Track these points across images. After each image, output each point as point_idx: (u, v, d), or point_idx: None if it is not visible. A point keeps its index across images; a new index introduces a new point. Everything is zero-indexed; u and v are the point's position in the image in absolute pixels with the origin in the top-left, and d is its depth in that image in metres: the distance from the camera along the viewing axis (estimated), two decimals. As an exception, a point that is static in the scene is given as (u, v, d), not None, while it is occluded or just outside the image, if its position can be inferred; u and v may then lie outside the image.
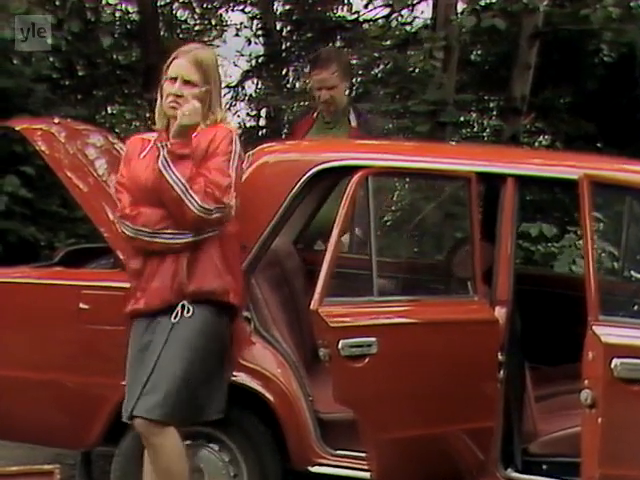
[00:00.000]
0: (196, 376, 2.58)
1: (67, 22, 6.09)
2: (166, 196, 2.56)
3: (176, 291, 2.59)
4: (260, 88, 10.72)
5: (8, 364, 2.91)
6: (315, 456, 2.77)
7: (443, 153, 3.17)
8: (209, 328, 2.62)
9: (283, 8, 9.76)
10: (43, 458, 3.38)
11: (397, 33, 7.98)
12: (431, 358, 2.64)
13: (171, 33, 9.87)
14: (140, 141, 2.75)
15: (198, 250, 2.61)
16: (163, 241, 2.59)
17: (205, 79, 2.62)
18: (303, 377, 2.85)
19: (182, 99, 2.59)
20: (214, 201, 2.55)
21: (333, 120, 3.99)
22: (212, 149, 2.61)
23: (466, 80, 7.34)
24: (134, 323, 2.67)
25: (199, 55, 2.65)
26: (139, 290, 2.64)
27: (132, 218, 2.61)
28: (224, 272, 2.63)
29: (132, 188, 2.65)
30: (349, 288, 2.72)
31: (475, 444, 2.73)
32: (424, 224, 4.66)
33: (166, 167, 2.55)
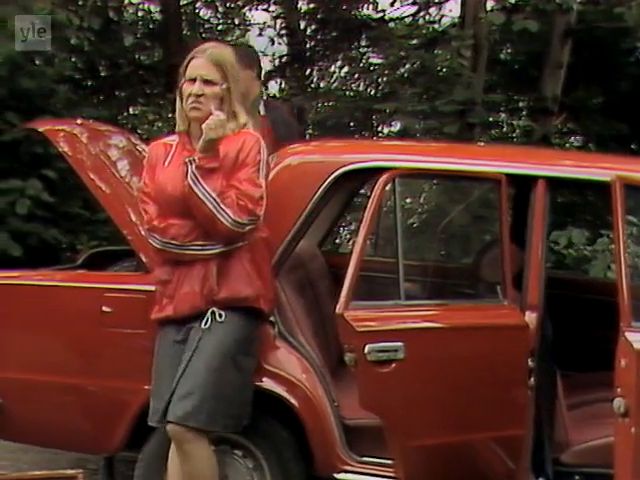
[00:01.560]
0: (230, 383, 2.59)
1: (88, 20, 6.16)
2: (197, 211, 2.56)
3: (206, 297, 2.60)
4: (284, 88, 10.76)
5: (30, 367, 2.94)
6: (340, 463, 2.77)
7: (472, 154, 3.16)
8: (241, 335, 2.63)
9: (307, 7, 9.79)
10: (66, 463, 3.43)
11: (424, 32, 7.96)
12: (459, 364, 2.63)
13: (194, 33, 9.93)
14: (162, 147, 2.73)
15: (228, 256, 2.61)
16: (193, 252, 2.60)
17: (224, 77, 2.62)
18: (328, 382, 2.86)
19: (203, 98, 2.59)
20: (247, 214, 2.56)
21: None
22: (241, 158, 2.61)
23: (495, 80, 7.32)
24: (162, 329, 2.68)
25: (216, 53, 2.66)
26: (166, 296, 2.65)
27: (161, 231, 2.60)
28: (255, 278, 2.64)
29: (158, 198, 2.64)
30: (375, 292, 2.73)
31: (505, 452, 2.72)
32: (451, 227, 4.65)
33: (196, 183, 2.54)
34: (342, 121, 8.77)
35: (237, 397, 2.62)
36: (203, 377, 2.55)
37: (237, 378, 2.61)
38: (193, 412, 2.53)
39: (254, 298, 2.64)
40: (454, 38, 5.54)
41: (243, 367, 2.63)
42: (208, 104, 2.60)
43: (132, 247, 2.94)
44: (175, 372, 2.58)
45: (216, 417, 2.56)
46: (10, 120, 5.58)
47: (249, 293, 2.63)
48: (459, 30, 5.96)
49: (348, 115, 8.56)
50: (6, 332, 2.99)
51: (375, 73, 8.67)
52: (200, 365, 2.56)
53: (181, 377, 2.56)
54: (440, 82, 6.48)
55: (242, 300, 2.62)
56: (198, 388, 2.54)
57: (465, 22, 5.95)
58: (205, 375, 2.55)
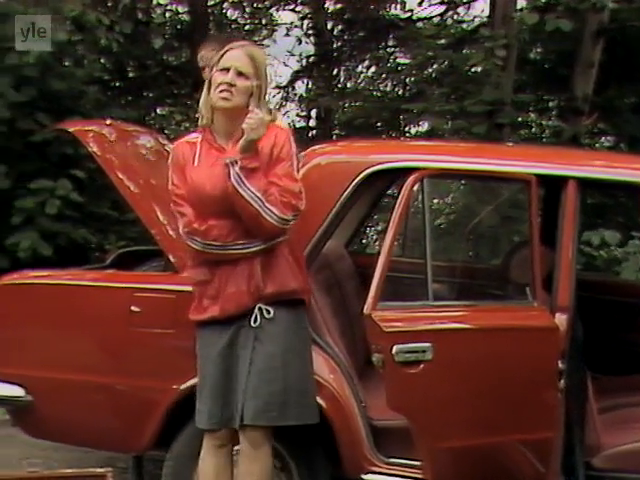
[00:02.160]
0: (296, 375, 2.61)
1: (119, 24, 6.22)
2: (243, 212, 2.56)
3: (253, 294, 2.60)
4: (310, 88, 10.79)
5: (61, 366, 2.98)
6: (368, 464, 2.77)
7: (501, 154, 3.14)
8: (296, 326, 2.65)
9: (334, 7, 9.80)
10: (95, 461, 3.46)
11: (452, 31, 7.94)
12: (488, 365, 2.63)
13: (221, 33, 9.98)
14: (187, 146, 2.71)
15: (270, 252, 2.61)
16: (234, 252, 2.60)
17: (257, 74, 2.62)
18: (355, 383, 2.86)
19: (234, 89, 2.58)
20: (291, 210, 2.57)
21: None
22: (276, 153, 2.61)
23: (525, 79, 7.27)
24: (205, 330, 2.66)
25: (253, 50, 2.67)
26: (207, 297, 2.64)
27: (202, 233, 2.59)
28: (297, 270, 2.66)
29: (194, 199, 2.61)
30: (403, 292, 2.73)
31: (534, 456, 2.71)
32: (480, 227, 4.64)
33: (240, 184, 2.54)
34: (369, 121, 8.77)
35: (304, 386, 2.63)
36: (269, 375, 2.56)
37: (301, 369, 2.63)
38: (266, 410, 2.55)
39: (300, 290, 2.66)
40: (486, 38, 5.49)
41: (303, 360, 2.65)
42: (238, 96, 2.58)
43: (160, 247, 2.97)
44: (230, 374, 2.59)
45: (287, 411, 2.58)
46: (40, 121, 5.67)
47: (295, 285, 2.64)
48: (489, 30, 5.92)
49: (375, 115, 8.55)
50: (36, 331, 3.03)
51: (402, 73, 8.65)
52: (263, 363, 2.57)
53: (247, 379, 2.56)
54: (468, 82, 6.45)
55: (290, 293, 2.63)
56: (267, 387, 2.55)
57: (495, 22, 5.92)
58: (271, 373, 2.56)
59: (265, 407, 2.55)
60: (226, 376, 2.60)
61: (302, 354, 2.66)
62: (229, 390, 2.60)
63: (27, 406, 3.00)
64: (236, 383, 2.59)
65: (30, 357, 3.03)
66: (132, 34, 7.06)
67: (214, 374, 2.61)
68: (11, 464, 3.55)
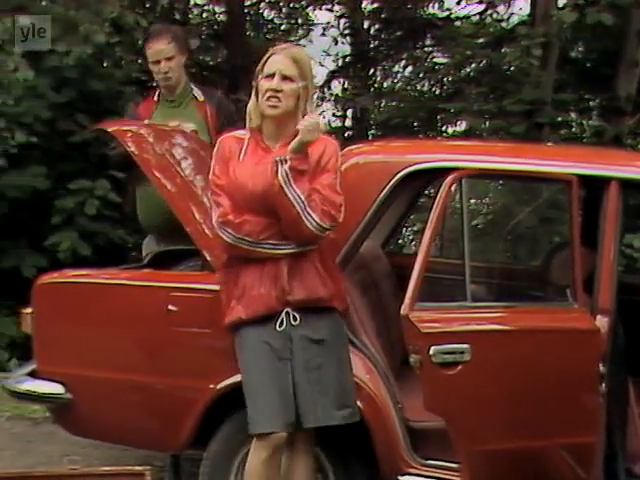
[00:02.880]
0: (347, 376, 2.65)
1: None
2: (284, 212, 2.57)
3: (278, 297, 2.61)
4: (346, 88, 10.78)
5: (99, 365, 3.02)
6: (404, 465, 2.77)
7: (541, 154, 3.12)
8: (330, 332, 2.66)
9: (371, 6, 9.79)
10: (133, 459, 3.51)
11: (491, 30, 7.89)
12: (527, 367, 2.61)
13: (257, 33, 10.04)
14: (234, 140, 2.73)
15: (300, 257, 2.63)
16: (265, 251, 2.62)
17: (302, 75, 2.63)
18: (392, 383, 2.86)
19: (281, 95, 2.60)
20: (330, 220, 2.58)
21: (177, 98, 3.84)
22: (323, 163, 2.62)
23: (565, 78, 7.19)
24: (239, 333, 2.67)
25: (295, 52, 2.69)
26: (234, 299, 2.67)
27: (236, 226, 2.60)
28: (327, 278, 2.66)
29: (234, 193, 2.63)
30: (440, 293, 2.73)
31: (575, 461, 2.68)
32: (518, 228, 4.61)
33: (287, 184, 2.55)
34: (406, 121, 8.75)
35: (343, 388, 2.65)
36: (312, 378, 2.59)
37: (338, 372, 2.64)
38: (314, 412, 2.58)
39: (328, 298, 2.66)
40: (524, 36, 5.45)
41: (341, 360, 2.67)
42: (286, 101, 2.61)
43: (196, 246, 2.99)
44: (274, 378, 2.60)
45: (332, 412, 2.61)
46: (80, 122, 5.76)
47: (323, 294, 2.64)
48: (528, 28, 5.87)
49: (412, 115, 8.53)
50: (75, 330, 3.07)
51: (440, 72, 8.62)
52: (304, 368, 2.60)
53: (292, 383, 2.59)
54: (507, 81, 6.41)
55: (317, 301, 2.64)
56: (310, 389, 2.59)
57: (535, 20, 5.86)
58: (312, 376, 2.59)
59: (310, 411, 2.58)
60: (271, 380, 2.61)
61: (339, 356, 2.67)
62: (276, 395, 2.60)
63: (67, 404, 3.05)
64: (282, 387, 2.60)
65: (69, 355, 3.08)
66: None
67: (259, 379, 2.62)
68: (52, 461, 3.62)
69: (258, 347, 2.63)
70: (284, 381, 2.60)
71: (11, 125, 5.24)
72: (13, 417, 4.23)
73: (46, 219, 5.65)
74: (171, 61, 3.78)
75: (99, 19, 5.49)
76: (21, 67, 5.17)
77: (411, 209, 4.05)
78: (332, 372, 2.63)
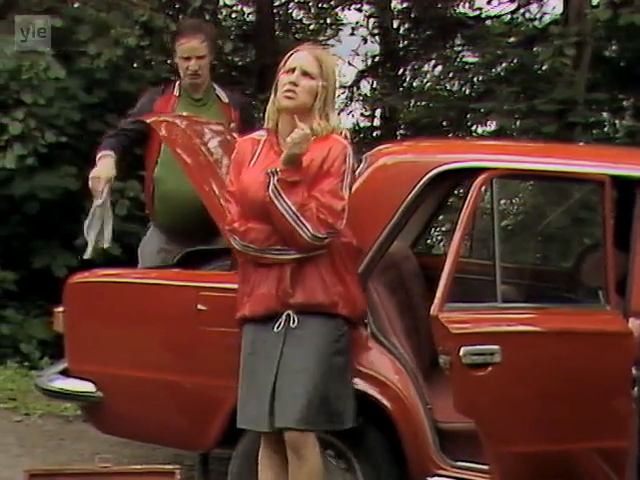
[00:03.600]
0: (321, 382, 2.61)
1: None
2: (277, 223, 2.59)
3: (280, 298, 2.63)
4: (375, 88, 10.77)
5: (129, 364, 3.06)
6: (434, 466, 2.76)
7: (573, 155, 3.10)
8: (323, 338, 2.64)
9: (401, 6, 9.77)
10: (163, 458, 3.55)
11: (523, 29, 7.84)
12: (559, 370, 2.60)
13: (286, 33, 10.07)
14: (250, 143, 2.74)
15: (305, 262, 2.62)
16: (271, 256, 2.63)
17: (323, 76, 2.64)
18: (421, 384, 2.86)
19: (299, 89, 2.61)
20: (326, 228, 2.56)
21: (204, 96, 3.82)
22: (326, 168, 2.60)
23: (599, 78, 7.11)
24: (243, 330, 2.73)
25: (320, 52, 2.70)
26: (245, 295, 2.71)
27: (241, 234, 2.63)
28: (332, 284, 2.64)
29: (241, 200, 2.66)
30: (470, 294, 2.72)
31: (608, 465, 2.66)
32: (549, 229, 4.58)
33: (277, 196, 2.55)
34: (435, 121, 8.72)
35: (330, 394, 2.63)
36: (294, 379, 2.58)
37: (324, 376, 2.62)
38: (292, 413, 2.57)
39: (329, 304, 2.64)
40: (556, 35, 5.40)
41: (331, 367, 2.65)
42: (302, 96, 2.60)
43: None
44: (256, 376, 2.63)
45: (319, 418, 2.60)
46: (110, 122, 5.81)
47: (323, 299, 2.63)
48: (561, 27, 5.82)
49: (442, 115, 8.50)
50: (107, 329, 3.11)
51: (470, 72, 8.58)
52: (289, 369, 2.60)
53: (273, 382, 2.60)
54: (539, 81, 6.36)
55: (316, 306, 2.63)
56: (290, 390, 2.58)
57: (569, 19, 5.81)
58: (296, 377, 2.58)
59: (292, 411, 2.57)
60: (251, 378, 2.66)
61: (331, 363, 2.64)
62: (254, 392, 2.64)
63: (98, 402, 3.09)
64: (262, 386, 2.62)
65: (100, 354, 3.11)
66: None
67: (243, 374, 2.68)
68: (83, 458, 3.67)
69: (252, 345, 2.67)
70: (264, 382, 2.62)
71: (41, 125, 5.31)
72: (45, 415, 4.29)
73: (77, 219, 5.71)
74: (202, 60, 3.77)
75: (130, 21, 5.54)
76: (52, 66, 5.24)
77: (440, 209, 4.05)
78: (320, 380, 2.59)
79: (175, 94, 3.81)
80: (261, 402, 2.62)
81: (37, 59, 5.21)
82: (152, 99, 3.82)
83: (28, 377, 4.78)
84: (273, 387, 2.60)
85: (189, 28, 3.86)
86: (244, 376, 2.69)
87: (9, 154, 5.24)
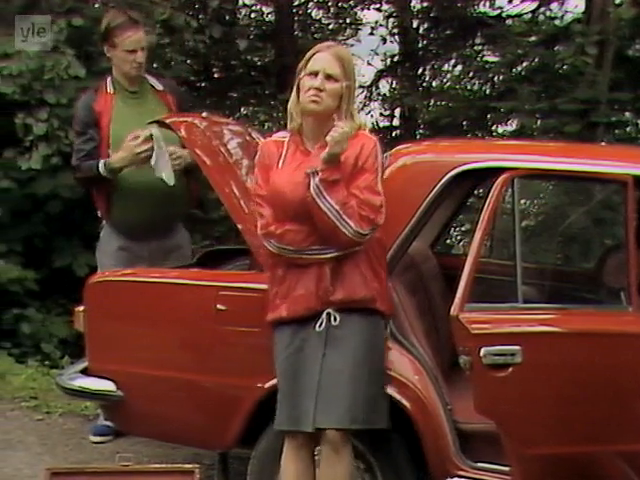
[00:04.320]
0: (364, 381, 2.63)
1: (209, 28, 6.35)
2: (320, 222, 2.59)
3: (321, 298, 2.64)
4: (394, 88, 10.76)
5: (148, 363, 3.08)
6: (454, 468, 2.76)
7: (596, 154, 3.08)
8: (365, 335, 2.66)
9: (421, 5, 9.75)
10: (182, 457, 3.56)
11: (544, 28, 7.79)
12: (580, 371, 2.59)
13: (305, 33, 10.08)
14: (274, 145, 2.76)
15: (343, 258, 2.64)
16: (309, 256, 2.64)
17: (345, 75, 2.65)
18: (441, 385, 2.86)
19: (324, 93, 2.62)
20: (368, 224, 2.58)
21: (140, 88, 3.75)
22: (360, 164, 2.62)
23: (621, 77, 7.05)
24: (277, 331, 2.72)
25: (340, 51, 2.70)
26: (279, 297, 2.70)
27: (278, 236, 2.63)
28: (371, 279, 2.67)
29: (275, 202, 2.66)
30: (490, 294, 2.72)
31: (632, 469, 2.64)
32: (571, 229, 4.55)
33: (319, 195, 2.56)
34: (455, 120, 8.69)
35: (373, 393, 2.64)
36: (339, 380, 2.59)
37: (370, 375, 2.64)
38: (337, 414, 2.58)
39: (370, 299, 2.67)
40: (578, 34, 5.36)
41: (374, 364, 2.67)
42: (328, 100, 2.62)
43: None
44: (298, 377, 2.63)
45: (357, 416, 2.61)
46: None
47: (365, 294, 2.65)
48: (583, 26, 5.77)
49: (462, 114, 8.46)
50: (126, 328, 3.13)
51: (490, 71, 8.54)
52: (334, 369, 2.60)
53: (318, 384, 2.60)
54: (561, 80, 6.31)
55: (358, 302, 2.65)
56: (340, 391, 2.59)
57: (591, 17, 5.76)
58: (341, 378, 2.59)
59: (336, 411, 2.58)
60: (294, 379, 2.64)
61: (372, 361, 2.66)
62: (298, 393, 2.63)
63: (118, 401, 3.11)
64: (306, 387, 2.62)
65: (120, 353, 3.14)
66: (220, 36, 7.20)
67: (284, 376, 2.67)
68: (104, 457, 3.69)
69: (291, 346, 2.66)
70: (308, 382, 2.62)
71: (64, 125, 5.35)
72: (66, 413, 4.32)
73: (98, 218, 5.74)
74: (144, 51, 3.74)
75: (150, 20, 5.56)
76: (73, 65, 5.27)
77: (460, 209, 4.04)
78: (362, 378, 2.61)
79: (110, 92, 3.73)
80: (305, 402, 2.61)
81: (59, 58, 5.25)
82: (89, 106, 3.72)
83: (49, 376, 4.82)
84: (317, 387, 2.60)
85: (131, 21, 3.76)
86: (284, 377, 2.67)
87: (34, 154, 5.28)
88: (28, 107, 5.38)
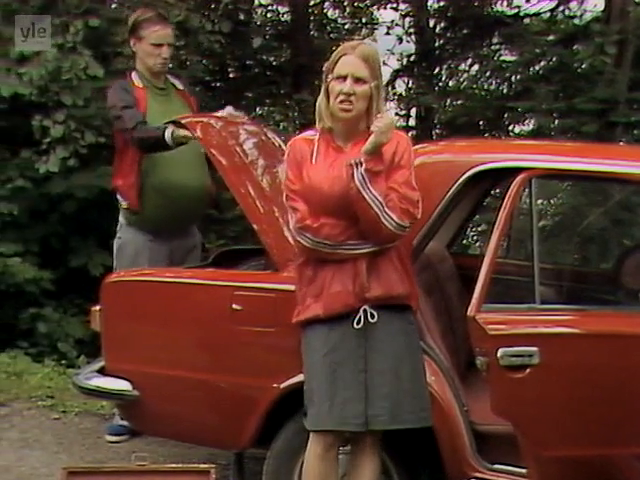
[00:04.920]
0: (412, 378, 2.64)
1: (218, 23, 6.34)
2: (362, 214, 2.59)
3: (358, 295, 2.62)
4: (411, 87, 10.74)
5: (164, 363, 3.09)
6: (470, 469, 2.75)
7: (615, 154, 3.06)
8: (404, 331, 2.67)
9: (437, 5, 9.73)
10: (198, 457, 3.57)
11: (562, 27, 7.75)
12: (599, 373, 2.57)
13: (321, 33, 10.08)
14: (305, 142, 2.73)
15: (378, 254, 2.64)
16: (345, 251, 2.63)
17: (373, 74, 2.64)
18: (457, 386, 2.85)
19: (354, 98, 2.61)
20: (409, 217, 2.60)
21: (165, 85, 3.84)
22: (397, 160, 2.63)
23: (641, 77, 7.01)
24: (309, 331, 2.69)
25: (366, 50, 2.68)
26: (310, 296, 2.68)
27: (314, 230, 2.61)
28: (404, 275, 2.67)
29: (310, 197, 2.64)
30: (507, 295, 2.71)
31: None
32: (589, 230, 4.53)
33: (364, 186, 2.56)
34: (472, 120, 8.66)
35: (417, 390, 2.65)
36: (382, 379, 2.60)
37: (412, 372, 2.65)
38: (381, 415, 2.58)
39: (406, 295, 2.67)
40: (597, 33, 5.32)
41: (415, 360, 2.68)
42: (358, 104, 2.62)
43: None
44: (336, 377, 2.61)
45: (402, 415, 2.61)
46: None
47: (401, 290, 2.65)
48: (603, 25, 5.74)
49: (478, 114, 8.44)
50: (142, 328, 3.15)
51: (508, 71, 8.51)
52: (376, 368, 2.60)
53: (360, 383, 2.60)
54: (579, 79, 6.28)
55: (395, 298, 2.65)
56: (380, 391, 2.59)
57: (611, 16, 5.72)
58: (384, 377, 2.60)
59: (381, 412, 2.58)
60: (334, 378, 2.62)
61: (412, 358, 2.68)
62: (340, 393, 2.61)
63: (133, 401, 3.12)
64: (349, 386, 2.61)
65: (135, 353, 3.15)
66: (233, 34, 7.23)
67: (321, 375, 2.64)
68: (120, 456, 3.71)
69: (328, 344, 2.64)
70: (350, 381, 2.61)
71: (81, 126, 5.38)
72: (82, 413, 4.35)
73: (113, 218, 5.77)
74: (171, 48, 3.84)
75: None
76: (91, 65, 5.30)
77: (477, 210, 4.03)
78: (405, 376, 2.63)
79: (139, 85, 3.77)
80: (353, 403, 2.60)
81: (77, 59, 5.28)
82: (129, 89, 3.75)
83: (65, 375, 4.85)
84: (365, 388, 2.60)
85: (160, 15, 3.85)
86: (322, 377, 2.64)
87: (52, 157, 5.31)
88: (45, 109, 5.42)
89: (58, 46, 5.30)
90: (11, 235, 5.66)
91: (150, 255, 3.74)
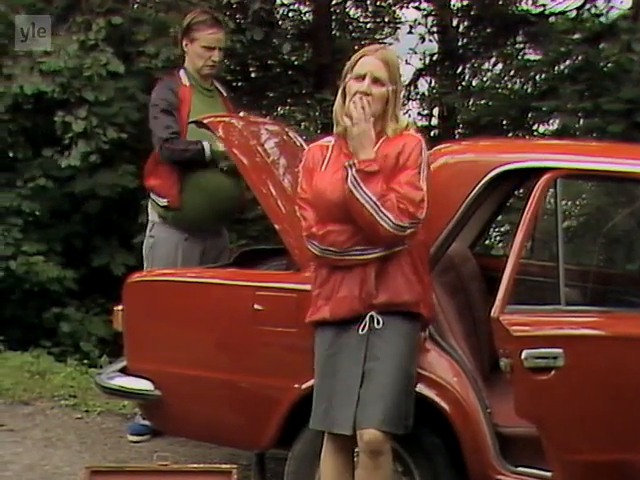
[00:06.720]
0: (403, 385, 2.63)
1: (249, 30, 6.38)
2: (358, 216, 2.59)
3: (364, 300, 2.63)
4: (433, 87, 10.72)
5: (185, 363, 3.10)
6: (493, 472, 2.74)
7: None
8: (406, 339, 2.66)
9: (461, 3, 9.70)
10: (219, 457, 3.59)
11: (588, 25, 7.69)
12: (625, 376, 2.56)
13: (343, 32, 10.08)
14: (319, 150, 2.76)
15: (387, 260, 2.64)
16: (352, 258, 2.64)
17: (392, 78, 2.65)
18: (480, 387, 2.84)
19: (370, 98, 2.62)
20: (408, 217, 2.57)
21: (212, 88, 3.90)
22: (402, 161, 2.63)
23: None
24: (318, 332, 2.72)
25: (387, 54, 2.70)
26: (322, 298, 2.70)
27: (320, 238, 2.63)
28: (414, 282, 2.66)
29: (317, 204, 2.66)
30: (532, 296, 2.70)
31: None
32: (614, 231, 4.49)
33: (356, 187, 2.57)
34: (495, 120, 8.62)
35: (402, 398, 2.64)
36: (380, 383, 2.59)
37: (404, 381, 2.64)
38: (385, 416, 2.58)
39: (413, 303, 2.66)
40: (624, 31, 5.26)
41: (411, 370, 2.67)
42: (374, 104, 2.62)
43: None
44: (335, 379, 2.63)
45: (400, 421, 2.62)
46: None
47: (408, 298, 2.64)
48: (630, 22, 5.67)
49: (502, 113, 8.40)
50: (164, 327, 3.17)
51: (532, 70, 8.45)
52: (375, 373, 2.60)
53: (359, 386, 2.60)
54: (605, 79, 6.22)
55: (401, 305, 2.64)
56: (382, 393, 2.59)
57: (638, 13, 5.66)
58: (384, 380, 2.59)
59: (377, 415, 2.57)
60: (332, 380, 2.65)
61: (410, 367, 2.67)
62: (335, 395, 2.63)
63: (155, 401, 3.14)
64: (345, 389, 2.62)
65: (157, 352, 3.17)
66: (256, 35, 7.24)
67: (322, 376, 2.67)
68: (142, 456, 3.74)
69: (332, 347, 2.66)
70: (347, 384, 2.61)
71: (103, 123, 5.43)
72: (104, 412, 4.38)
73: (134, 218, 5.81)
74: (221, 52, 3.89)
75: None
76: (112, 61, 5.35)
77: (500, 210, 4.02)
78: (395, 382, 2.61)
79: (186, 84, 3.83)
80: (346, 405, 2.61)
81: (98, 56, 5.33)
82: (173, 90, 3.81)
83: (88, 375, 4.89)
84: (359, 392, 2.61)
85: (214, 19, 3.92)
86: (323, 377, 2.68)
87: (74, 151, 5.37)
88: (67, 105, 5.47)
89: (80, 43, 5.35)
90: (34, 235, 5.72)
91: (184, 254, 3.77)
